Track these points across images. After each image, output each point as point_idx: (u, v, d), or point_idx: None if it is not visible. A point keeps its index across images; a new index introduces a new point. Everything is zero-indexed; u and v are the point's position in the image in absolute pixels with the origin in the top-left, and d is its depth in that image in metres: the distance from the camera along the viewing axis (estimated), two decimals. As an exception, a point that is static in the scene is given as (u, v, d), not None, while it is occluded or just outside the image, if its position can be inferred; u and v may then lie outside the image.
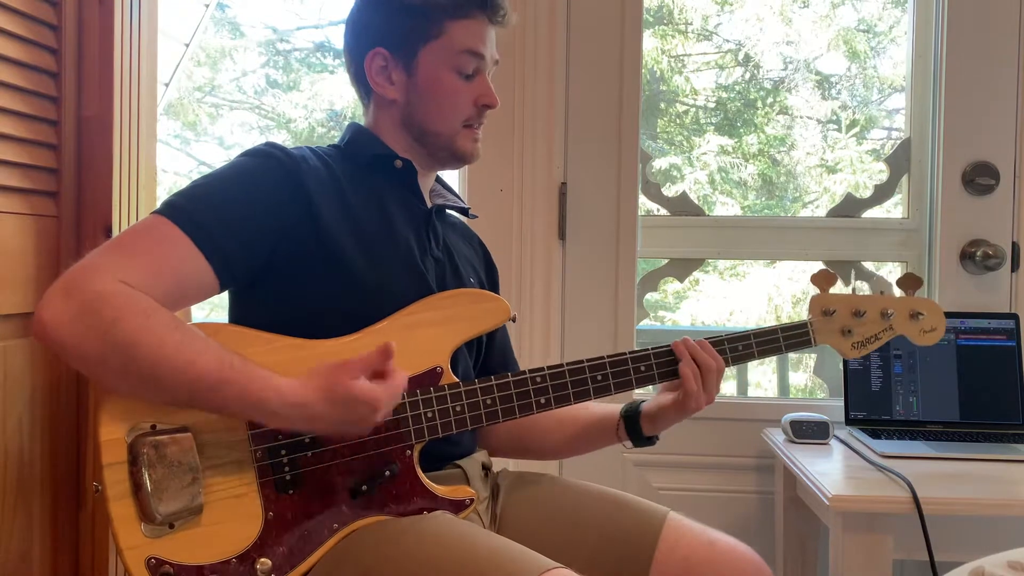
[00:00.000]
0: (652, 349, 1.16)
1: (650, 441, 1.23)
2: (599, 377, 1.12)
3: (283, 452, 0.98)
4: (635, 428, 1.21)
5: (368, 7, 1.18)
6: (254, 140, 5.74)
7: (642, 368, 1.15)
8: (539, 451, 1.32)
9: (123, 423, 0.92)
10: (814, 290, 1.25)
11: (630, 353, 1.14)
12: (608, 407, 1.24)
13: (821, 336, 1.22)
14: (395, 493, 1.03)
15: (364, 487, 1.01)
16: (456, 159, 1.19)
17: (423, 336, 1.07)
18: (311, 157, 1.09)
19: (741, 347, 1.18)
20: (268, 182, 1.03)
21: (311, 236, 1.04)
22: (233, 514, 0.95)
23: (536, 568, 0.90)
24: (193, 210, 0.98)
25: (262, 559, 0.95)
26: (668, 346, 1.17)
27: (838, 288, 1.24)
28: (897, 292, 1.26)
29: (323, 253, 1.04)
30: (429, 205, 1.20)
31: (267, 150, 1.06)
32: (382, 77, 1.16)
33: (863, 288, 1.26)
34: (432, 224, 1.18)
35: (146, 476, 0.90)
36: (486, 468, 1.22)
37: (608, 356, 1.13)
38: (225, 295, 1.08)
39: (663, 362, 1.16)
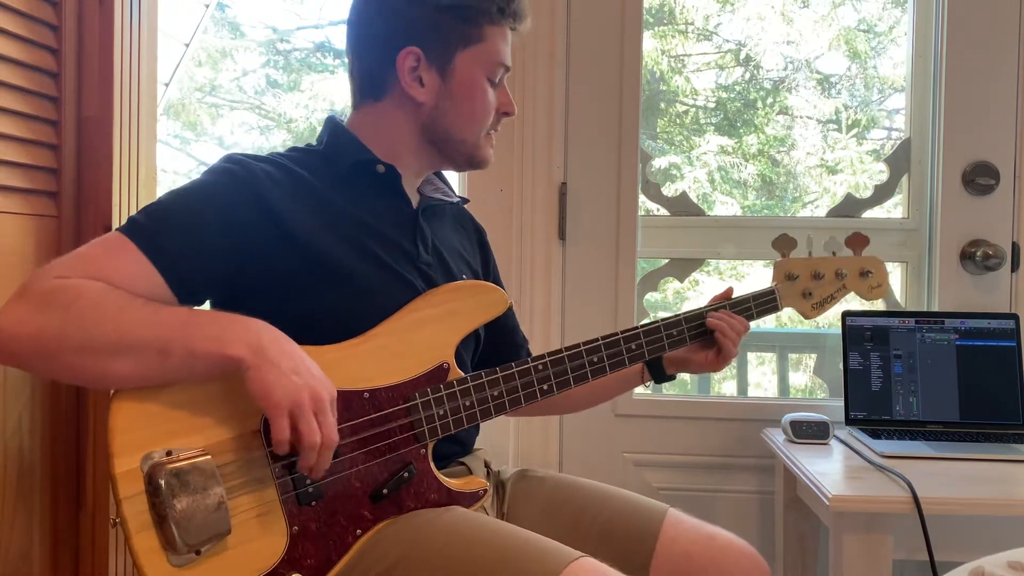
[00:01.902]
0: (641, 327, 1.21)
1: (671, 377, 1.33)
2: (595, 359, 1.17)
3: None
4: (658, 368, 1.32)
5: (400, 3, 1.11)
6: (254, 140, 5.75)
7: (633, 347, 1.19)
8: (560, 407, 1.40)
9: (135, 452, 0.89)
10: (776, 255, 1.33)
11: (622, 333, 1.19)
12: None
13: (785, 300, 1.32)
14: (414, 492, 1.04)
15: (385, 491, 1.01)
16: (473, 165, 1.19)
17: (427, 333, 1.08)
18: (275, 171, 1.05)
19: None
20: (225, 199, 1.01)
21: (286, 249, 1.02)
22: (258, 532, 0.94)
23: (564, 557, 0.92)
24: (149, 226, 0.97)
25: (292, 574, 0.94)
26: (656, 322, 1.23)
27: (797, 252, 1.32)
28: (847, 252, 1.34)
29: (306, 264, 1.03)
30: (415, 205, 1.18)
31: (225, 167, 1.04)
32: (412, 77, 1.11)
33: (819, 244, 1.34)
34: (419, 227, 1.15)
35: (170, 507, 0.87)
36: (487, 466, 1.23)
37: (602, 338, 1.18)
38: None
39: (652, 339, 1.22)
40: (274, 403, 0.89)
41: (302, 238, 1.03)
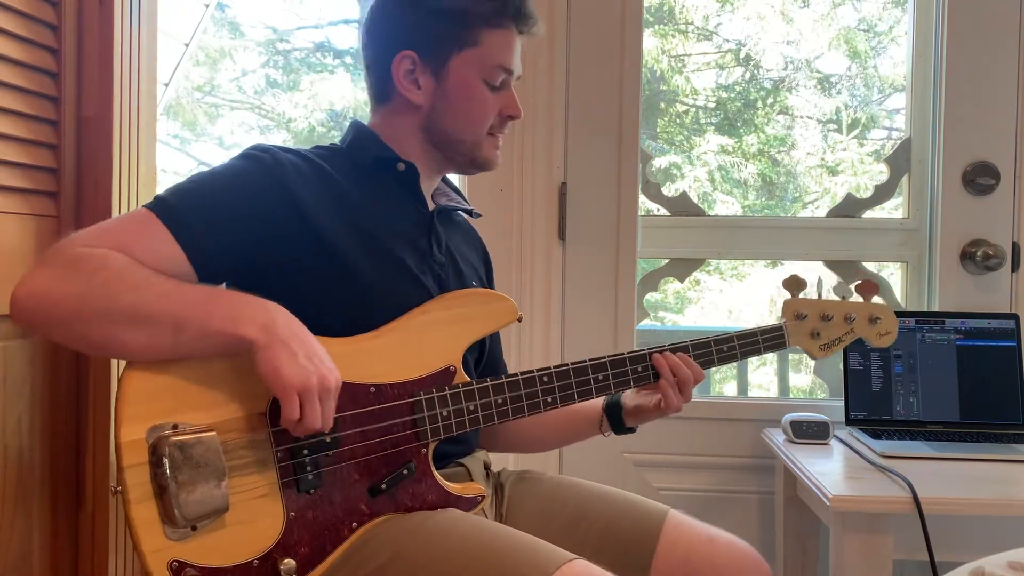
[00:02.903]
0: (648, 350, 1.20)
1: (631, 430, 1.29)
2: (600, 377, 1.16)
3: (305, 452, 0.98)
4: (617, 420, 1.27)
5: (397, 8, 1.16)
6: (253, 140, 5.74)
7: (639, 369, 1.18)
8: (521, 445, 1.37)
9: (142, 423, 0.90)
10: (785, 295, 1.32)
11: (628, 353, 1.18)
12: (589, 401, 1.25)
13: (793, 338, 1.30)
14: (411, 491, 1.04)
15: (383, 485, 1.02)
16: (476, 166, 1.20)
17: (436, 335, 1.09)
18: (301, 163, 1.08)
19: (726, 348, 1.25)
20: (251, 184, 1.03)
21: (307, 239, 1.04)
22: (255, 514, 0.94)
23: (557, 559, 0.93)
24: (175, 204, 0.99)
25: (286, 559, 0.95)
26: (661, 347, 1.20)
27: (806, 293, 1.32)
28: (856, 298, 1.33)
29: (324, 256, 1.05)
30: (431, 208, 1.20)
31: (254, 153, 1.06)
32: (408, 81, 1.14)
33: (827, 287, 1.33)
34: (435, 228, 1.17)
35: (172, 479, 0.88)
36: (487, 467, 1.23)
37: (608, 356, 1.17)
38: None
39: None
40: (284, 384, 0.90)
41: (321, 230, 1.05)
